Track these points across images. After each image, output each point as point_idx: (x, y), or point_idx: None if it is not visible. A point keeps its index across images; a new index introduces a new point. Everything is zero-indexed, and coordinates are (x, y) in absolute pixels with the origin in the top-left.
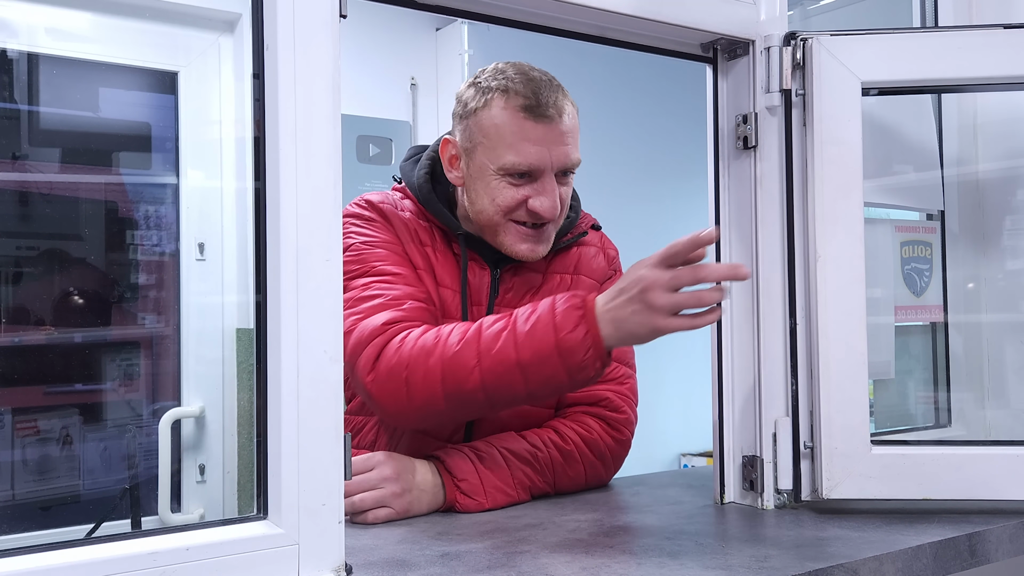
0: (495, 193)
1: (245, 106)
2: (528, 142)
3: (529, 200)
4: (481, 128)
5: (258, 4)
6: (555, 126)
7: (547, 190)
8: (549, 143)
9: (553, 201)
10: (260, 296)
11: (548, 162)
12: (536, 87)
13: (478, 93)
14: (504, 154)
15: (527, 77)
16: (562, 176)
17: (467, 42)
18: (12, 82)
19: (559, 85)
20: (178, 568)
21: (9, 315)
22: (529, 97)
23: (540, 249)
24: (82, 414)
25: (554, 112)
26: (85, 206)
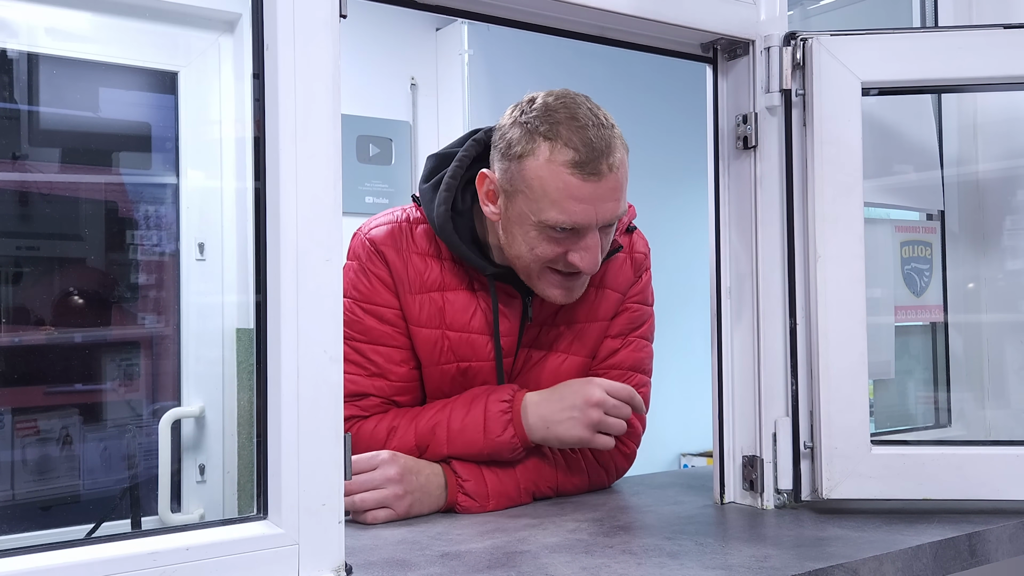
0: (534, 244)
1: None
2: (574, 200)
3: (570, 254)
4: (524, 178)
5: (258, 4)
6: (604, 183)
7: (589, 246)
8: (596, 201)
9: (595, 257)
10: (260, 296)
11: (594, 220)
12: (586, 137)
13: (524, 136)
14: (547, 209)
15: (577, 124)
16: (606, 227)
17: (467, 42)
18: (12, 82)
19: (611, 125)
20: (178, 568)
21: (9, 315)
22: (579, 151)
23: (575, 294)
24: (82, 414)
25: (605, 168)
26: (85, 206)
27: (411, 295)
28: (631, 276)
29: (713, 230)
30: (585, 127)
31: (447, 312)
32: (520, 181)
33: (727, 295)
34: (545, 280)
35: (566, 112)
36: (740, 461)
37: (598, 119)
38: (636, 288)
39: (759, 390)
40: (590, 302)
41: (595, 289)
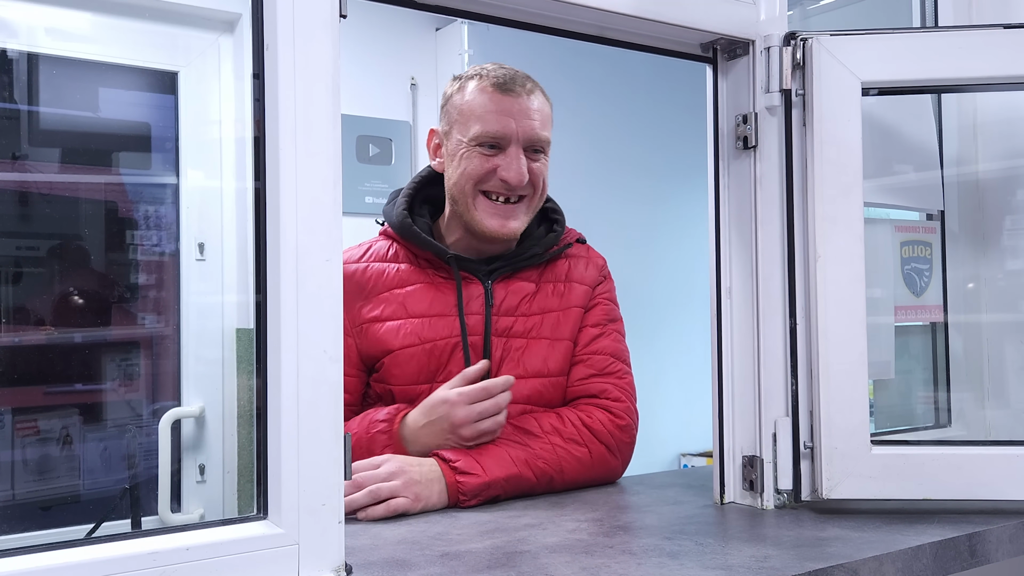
0: (466, 163)
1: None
2: (495, 113)
3: (498, 169)
4: (456, 108)
5: (258, 4)
6: (522, 100)
7: (514, 159)
8: (515, 115)
9: (519, 170)
10: (260, 296)
11: (514, 132)
12: (508, 72)
13: (456, 81)
14: (473, 125)
15: (501, 67)
16: (532, 153)
17: (467, 42)
18: (12, 82)
19: (535, 81)
20: (178, 568)
21: (9, 315)
22: (499, 77)
23: (511, 225)
24: (82, 414)
25: (521, 90)
26: (85, 206)
27: (369, 299)
28: (596, 275)
29: (713, 230)
30: (506, 68)
31: (408, 303)
32: (454, 113)
33: (727, 295)
34: (481, 209)
35: (493, 63)
36: (740, 461)
37: (517, 71)
38: (605, 287)
39: (759, 390)
40: (560, 293)
41: (563, 283)
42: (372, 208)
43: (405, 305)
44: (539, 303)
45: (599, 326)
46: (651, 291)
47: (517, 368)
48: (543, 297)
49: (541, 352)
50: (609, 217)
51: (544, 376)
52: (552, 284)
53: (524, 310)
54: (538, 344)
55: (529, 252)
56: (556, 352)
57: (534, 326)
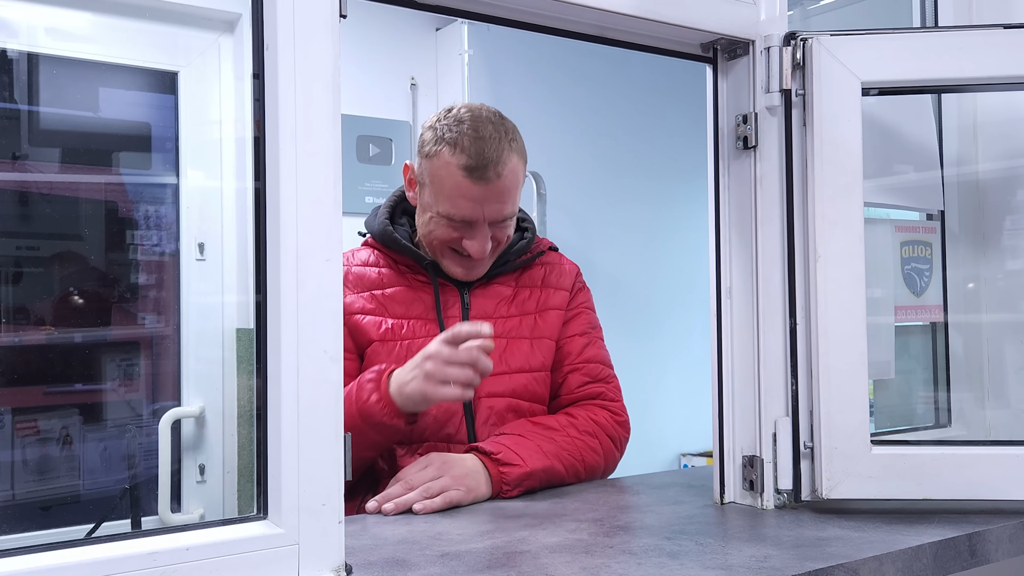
0: (434, 228)
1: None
2: (464, 199)
3: (463, 240)
4: (429, 173)
5: (258, 4)
6: (491, 187)
7: (479, 237)
8: (484, 202)
9: (482, 246)
10: (260, 296)
11: (480, 217)
12: (482, 147)
13: (433, 139)
14: (443, 203)
15: (477, 135)
16: (499, 223)
17: (467, 42)
18: (12, 82)
19: (511, 139)
20: (178, 568)
21: (9, 315)
22: (472, 158)
23: (475, 272)
24: (82, 414)
25: (493, 175)
26: (85, 206)
27: (351, 293)
28: (570, 278)
29: (713, 230)
30: (483, 139)
31: (388, 303)
32: (427, 176)
33: (727, 295)
34: (447, 258)
35: (471, 124)
36: (740, 461)
37: (498, 133)
38: (583, 296)
39: (759, 390)
40: (537, 297)
41: (539, 288)
42: (372, 208)
43: (386, 305)
44: (517, 306)
45: (586, 334)
46: (651, 291)
47: (500, 365)
48: (520, 301)
49: (523, 349)
50: (609, 217)
51: (528, 371)
52: (528, 289)
53: (502, 313)
54: (518, 343)
55: (502, 260)
56: (537, 349)
57: (513, 327)
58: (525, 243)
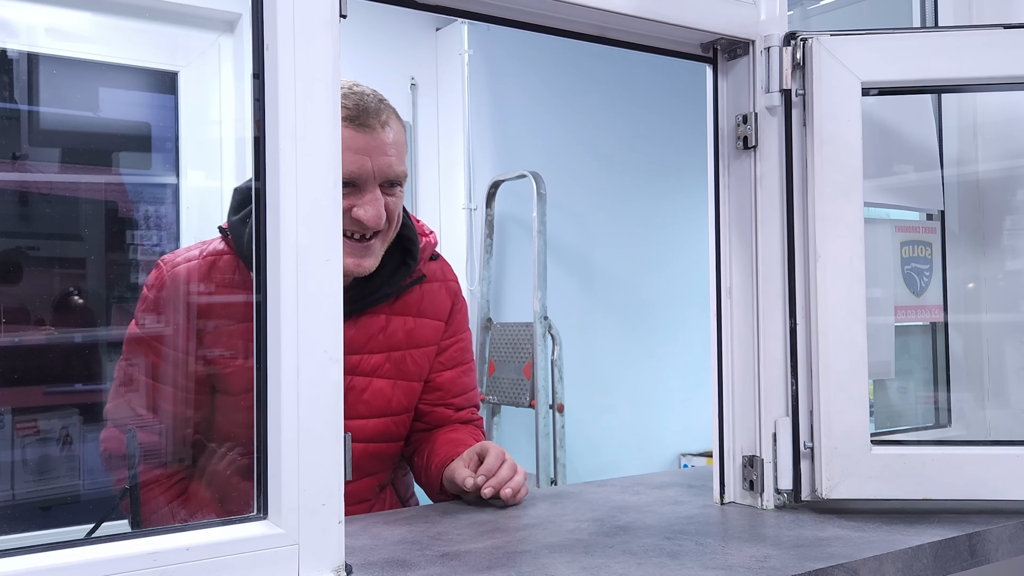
0: None
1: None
2: (349, 151)
3: (353, 209)
4: None
5: (258, 4)
6: (376, 135)
7: (370, 199)
8: (371, 152)
9: (377, 210)
10: (260, 296)
11: (370, 170)
12: (360, 100)
13: None
14: None
15: (353, 92)
16: (388, 187)
17: (467, 42)
18: (12, 82)
19: (388, 104)
20: (178, 568)
21: (9, 315)
22: (351, 109)
23: (365, 264)
24: (82, 414)
25: (376, 123)
26: (85, 206)
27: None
28: (447, 303)
29: (713, 230)
30: (357, 93)
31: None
32: None
33: (727, 295)
34: None
35: (348, 86)
36: (740, 461)
37: (373, 93)
38: (458, 320)
39: (759, 390)
40: (409, 330)
41: (413, 319)
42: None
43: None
44: (387, 339)
45: (457, 366)
46: (651, 291)
47: (359, 407)
48: (392, 333)
49: (385, 391)
50: (609, 217)
51: (388, 415)
52: (403, 318)
53: (372, 347)
54: (381, 383)
55: (379, 292)
56: (399, 391)
57: (379, 365)
58: (405, 271)
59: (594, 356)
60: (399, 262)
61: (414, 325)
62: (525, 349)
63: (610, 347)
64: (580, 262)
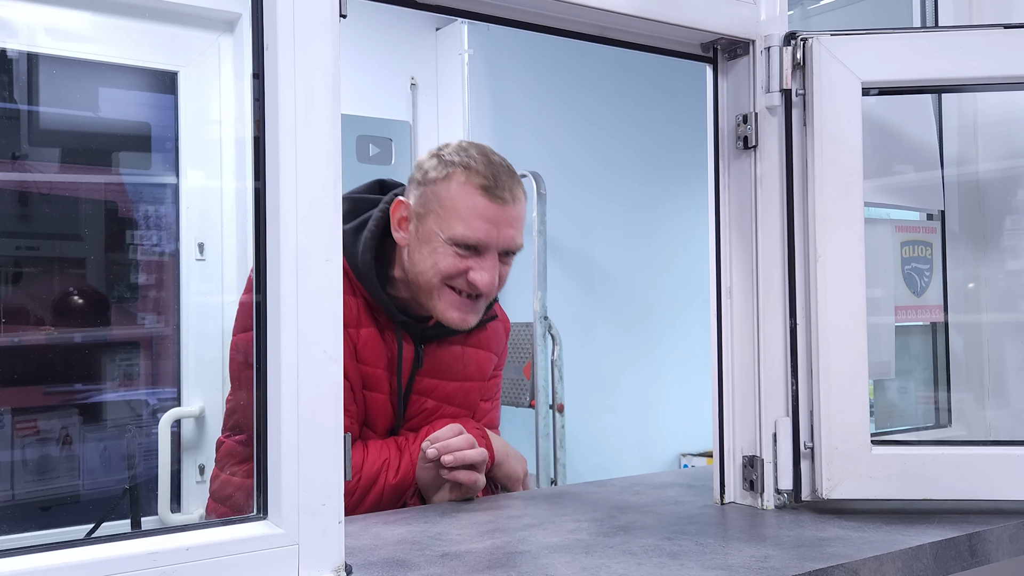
0: (439, 259)
1: (245, 106)
2: (480, 219)
3: (470, 272)
4: (438, 197)
5: (258, 4)
6: (507, 209)
7: (489, 266)
8: (499, 223)
9: (492, 277)
10: (260, 296)
11: (495, 240)
12: (495, 171)
13: (440, 164)
14: (455, 225)
15: (488, 160)
16: (504, 256)
17: (467, 42)
18: (12, 82)
19: (515, 174)
20: (178, 568)
21: (9, 315)
22: (488, 179)
23: (470, 319)
24: (82, 414)
25: (508, 197)
26: (85, 206)
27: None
28: (504, 341)
29: (713, 230)
30: (494, 163)
31: (359, 348)
32: (434, 201)
33: (727, 295)
34: (444, 300)
35: (477, 150)
36: (740, 461)
37: (505, 164)
38: (503, 358)
39: (759, 390)
40: (479, 363)
41: (485, 352)
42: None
43: (356, 350)
44: (460, 370)
45: (491, 400)
46: (651, 291)
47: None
48: (465, 364)
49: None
50: (609, 216)
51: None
52: (475, 350)
53: (447, 375)
54: (452, 410)
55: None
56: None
57: (451, 394)
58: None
59: (594, 356)
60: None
61: (483, 359)
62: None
63: (610, 347)
64: (580, 262)
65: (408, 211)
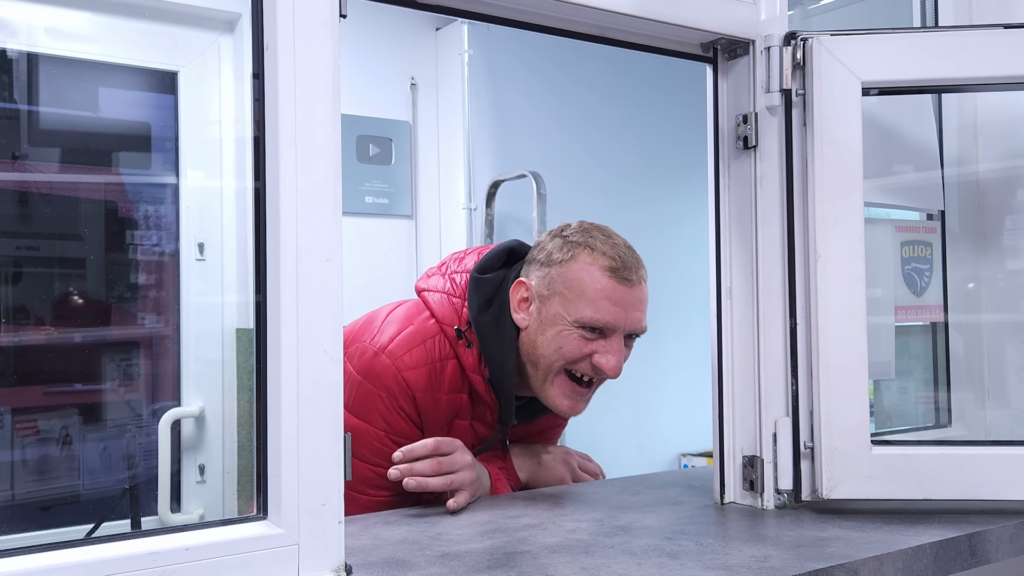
0: (564, 342)
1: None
2: (608, 301)
3: (595, 356)
4: (564, 279)
5: (258, 4)
6: (634, 291)
7: (615, 349)
8: (627, 306)
9: (619, 361)
10: (260, 296)
11: (623, 323)
12: (621, 252)
13: (565, 246)
14: (584, 308)
15: (613, 242)
16: (627, 339)
17: (467, 42)
18: (12, 82)
19: (637, 255)
20: (178, 568)
21: (9, 315)
22: (616, 260)
23: (579, 407)
24: (82, 414)
25: (635, 278)
26: (85, 206)
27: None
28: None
29: (713, 230)
30: (618, 244)
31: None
32: (559, 283)
33: (727, 295)
34: (558, 387)
35: (600, 231)
36: (740, 461)
37: (628, 245)
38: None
39: (759, 390)
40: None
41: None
42: (372, 208)
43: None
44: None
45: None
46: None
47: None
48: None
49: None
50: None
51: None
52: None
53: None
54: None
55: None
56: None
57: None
58: None
59: None
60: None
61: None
62: None
63: None
64: None
65: (530, 292)
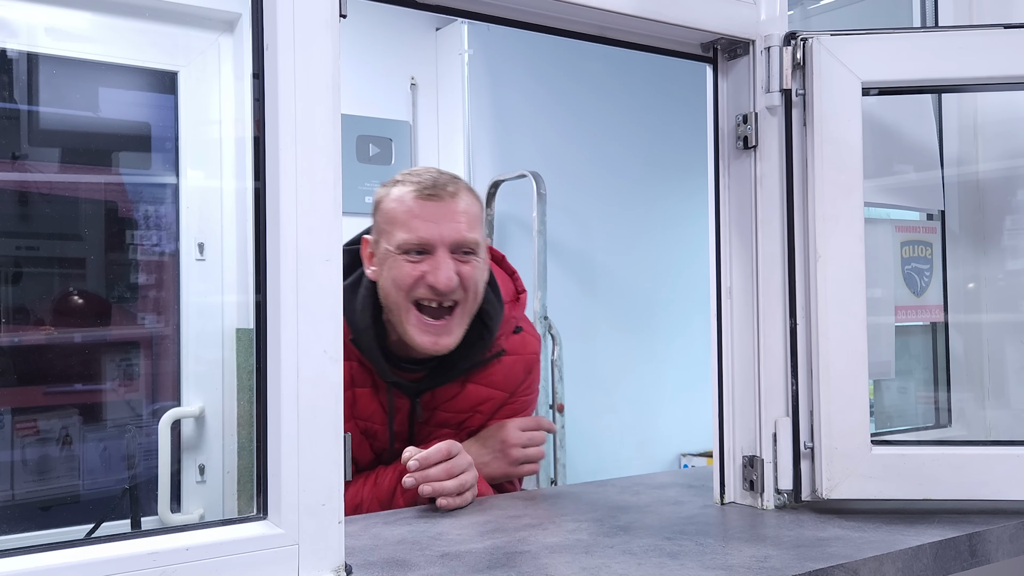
0: (395, 272)
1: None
2: (418, 219)
3: (426, 275)
4: (382, 215)
5: (258, 4)
6: (446, 204)
7: (442, 264)
8: (439, 219)
9: (448, 274)
10: (260, 296)
11: (438, 237)
12: (434, 176)
13: (383, 187)
14: (398, 232)
15: (429, 172)
16: (462, 255)
17: (467, 42)
18: (12, 82)
19: (463, 182)
20: (178, 568)
21: (9, 315)
22: (424, 183)
23: (443, 342)
24: (82, 414)
25: (444, 194)
26: (85, 206)
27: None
28: (520, 376)
29: (713, 230)
30: (425, 172)
31: (357, 404)
32: (380, 220)
33: (727, 295)
34: (413, 325)
35: (424, 169)
36: (740, 461)
37: (449, 175)
38: (524, 386)
39: (759, 390)
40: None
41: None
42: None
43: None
44: (455, 404)
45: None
46: (651, 291)
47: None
48: (464, 398)
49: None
50: (609, 217)
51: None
52: (476, 386)
53: (449, 408)
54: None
55: (456, 368)
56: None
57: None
58: (481, 345)
59: (594, 356)
60: (476, 336)
61: (486, 395)
62: None
63: (610, 347)
64: (580, 262)
65: (371, 244)
